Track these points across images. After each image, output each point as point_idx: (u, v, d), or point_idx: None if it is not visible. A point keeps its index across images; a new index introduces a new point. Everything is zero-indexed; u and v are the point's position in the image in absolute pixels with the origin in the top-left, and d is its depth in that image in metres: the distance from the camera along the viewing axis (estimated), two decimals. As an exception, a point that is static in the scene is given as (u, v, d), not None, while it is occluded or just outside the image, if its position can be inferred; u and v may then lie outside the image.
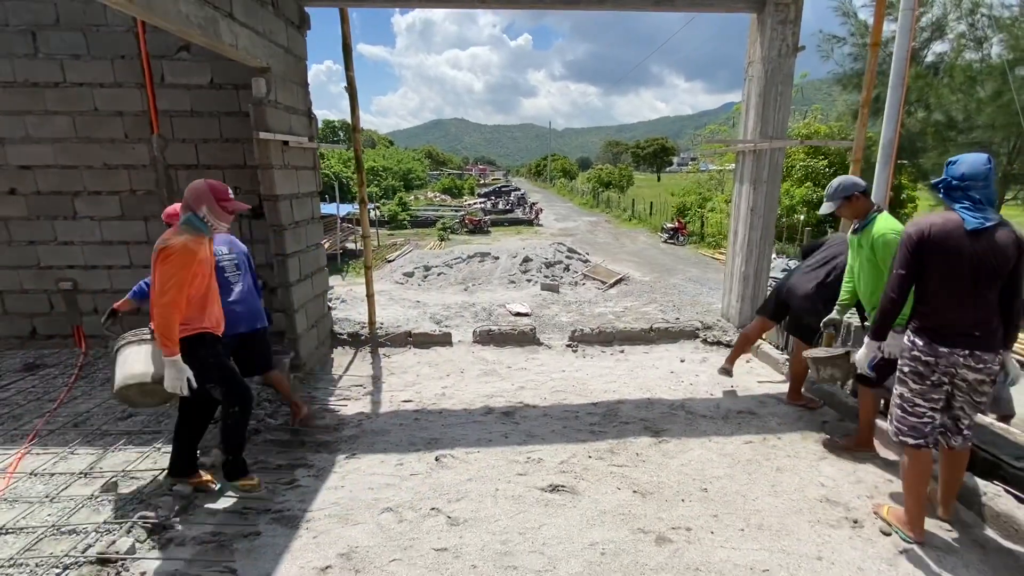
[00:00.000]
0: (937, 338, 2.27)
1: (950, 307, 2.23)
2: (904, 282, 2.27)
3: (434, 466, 3.03)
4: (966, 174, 2.14)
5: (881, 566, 2.31)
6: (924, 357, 2.30)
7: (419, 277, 11.09)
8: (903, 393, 2.42)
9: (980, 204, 2.14)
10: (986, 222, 2.11)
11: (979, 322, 2.22)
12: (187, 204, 2.47)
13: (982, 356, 2.22)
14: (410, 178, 43.46)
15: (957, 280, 2.18)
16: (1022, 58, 10.00)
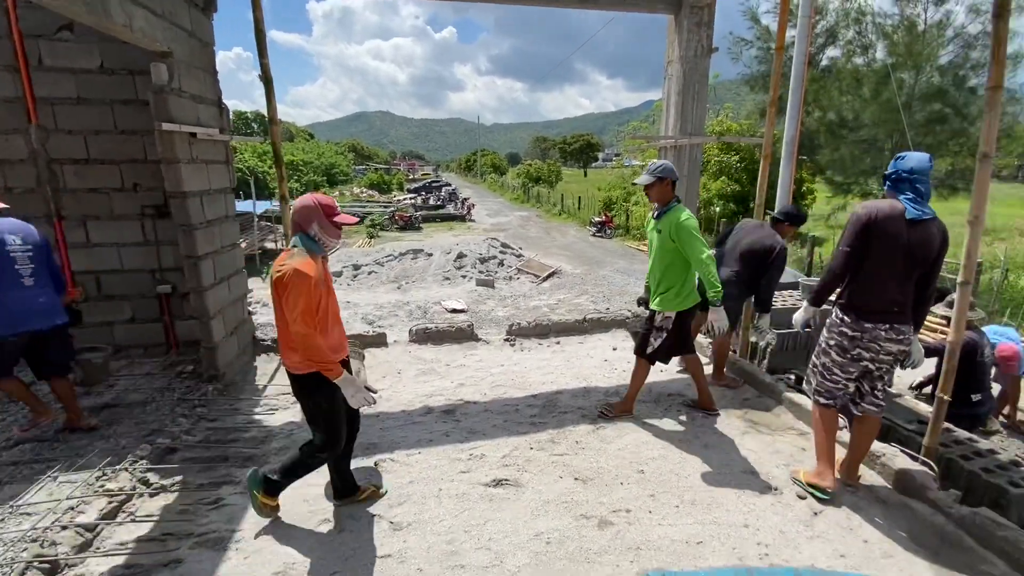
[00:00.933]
0: (864, 315, 2.53)
1: (880, 286, 2.49)
2: (848, 259, 2.51)
3: (374, 472, 2.93)
4: (914, 168, 2.41)
5: (799, 527, 2.52)
6: (850, 332, 2.57)
7: (348, 276, 10.68)
8: (825, 363, 2.70)
9: (921, 197, 2.40)
10: (923, 214, 2.38)
11: (900, 301, 2.49)
12: (296, 223, 2.29)
13: (900, 328, 2.51)
14: (333, 173, 41.67)
15: (891, 262, 2.43)
16: (901, 62, 11.25)
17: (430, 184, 39.74)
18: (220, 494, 2.74)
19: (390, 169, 63.92)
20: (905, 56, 11.22)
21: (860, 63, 12.42)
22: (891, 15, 11.76)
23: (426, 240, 16.64)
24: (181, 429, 3.36)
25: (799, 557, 2.32)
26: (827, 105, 12.86)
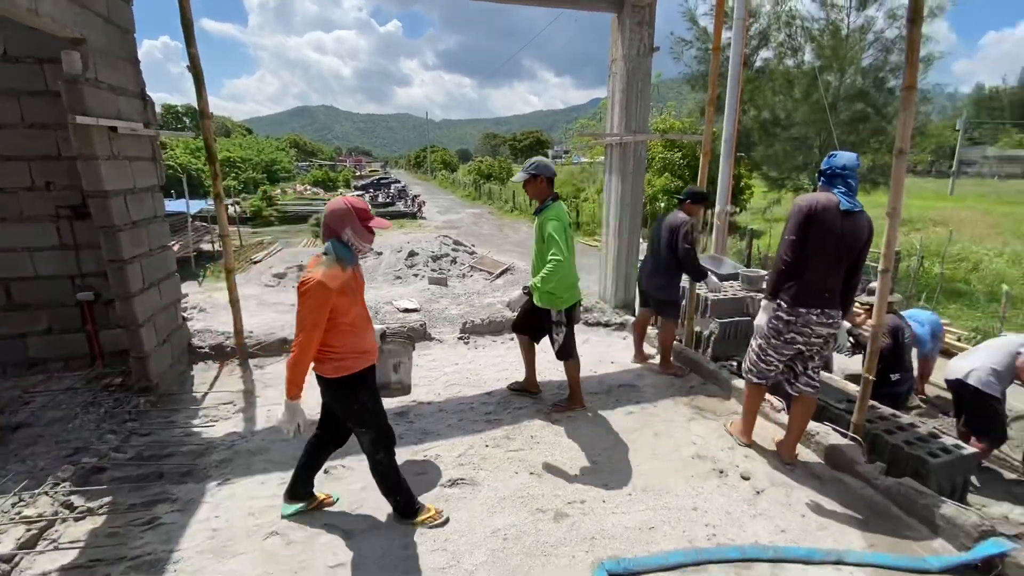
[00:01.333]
0: (799, 300, 2.71)
1: (813, 274, 2.67)
2: (794, 247, 2.67)
3: (324, 480, 2.83)
4: (846, 165, 2.63)
5: (743, 507, 2.64)
6: (785, 316, 2.75)
7: (293, 277, 10.26)
8: (761, 344, 2.89)
9: (852, 191, 2.62)
10: (855, 207, 2.60)
11: (831, 287, 2.70)
12: (329, 227, 2.20)
13: (830, 313, 2.71)
14: (275, 170, 39.86)
15: (825, 251, 2.62)
16: (828, 64, 11.97)
17: (378, 181, 38.79)
18: (155, 513, 2.56)
19: (336, 166, 61.92)
20: (831, 59, 11.96)
21: (791, 65, 13.14)
22: (818, 19, 12.50)
23: (376, 238, 16.26)
24: (109, 446, 3.12)
25: (744, 535, 2.43)
26: (762, 104, 13.52)
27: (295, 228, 20.12)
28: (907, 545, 2.39)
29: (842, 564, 2.26)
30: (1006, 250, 13.32)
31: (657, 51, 5.01)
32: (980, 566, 2.19)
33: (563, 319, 3.37)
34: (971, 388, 4.01)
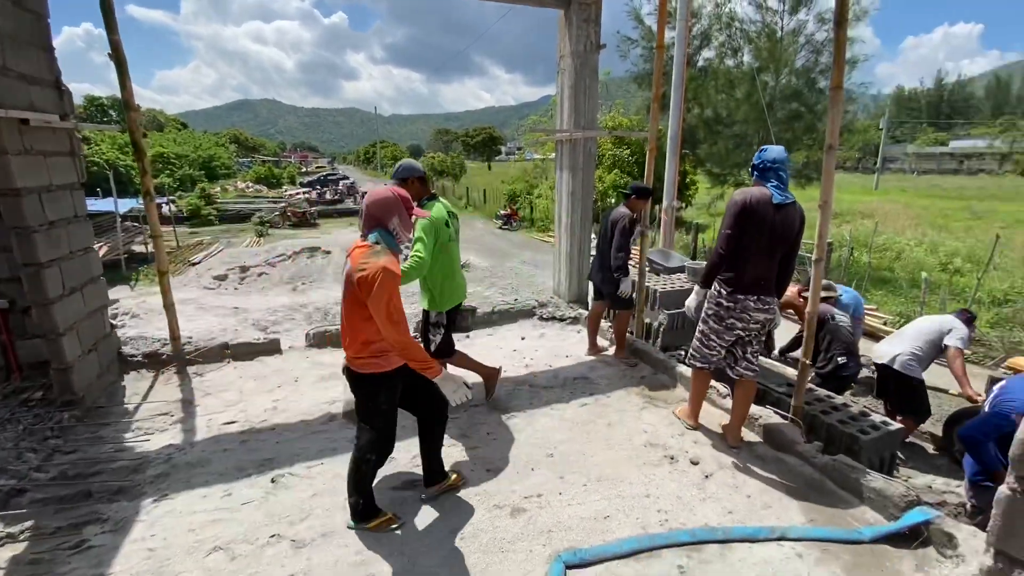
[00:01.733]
0: (737, 288, 2.85)
1: (750, 263, 2.80)
2: (731, 240, 2.79)
3: (271, 489, 2.71)
4: (776, 158, 2.77)
5: (693, 491, 2.73)
6: (725, 303, 2.89)
7: (235, 280, 9.80)
8: (704, 330, 3.04)
9: (783, 184, 2.75)
10: (786, 199, 2.74)
11: (767, 275, 2.85)
12: (375, 217, 2.16)
13: (766, 299, 2.87)
14: (214, 166, 37.85)
15: (760, 241, 2.75)
16: (764, 65, 12.54)
17: (326, 177, 37.61)
18: (83, 536, 2.38)
19: (280, 161, 59.50)
20: (767, 60, 12.56)
21: (731, 65, 13.70)
22: (755, 22, 13.09)
23: (324, 237, 15.75)
24: (29, 466, 2.86)
25: (694, 519, 2.52)
26: (705, 103, 14.05)
27: (237, 227, 19.22)
28: (843, 518, 2.54)
29: (784, 540, 2.37)
30: (925, 240, 14.44)
31: (603, 48, 5.08)
32: (908, 534, 2.35)
33: (443, 321, 3.28)
34: (895, 372, 4.33)
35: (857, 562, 2.25)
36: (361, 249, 2.13)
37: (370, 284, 2.01)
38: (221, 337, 5.66)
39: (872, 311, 8.43)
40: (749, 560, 2.26)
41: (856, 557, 2.28)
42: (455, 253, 3.27)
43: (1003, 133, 49.04)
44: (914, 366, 4.30)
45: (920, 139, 63.04)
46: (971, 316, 4.54)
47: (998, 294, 9.16)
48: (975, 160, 52.12)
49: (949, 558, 2.24)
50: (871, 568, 2.22)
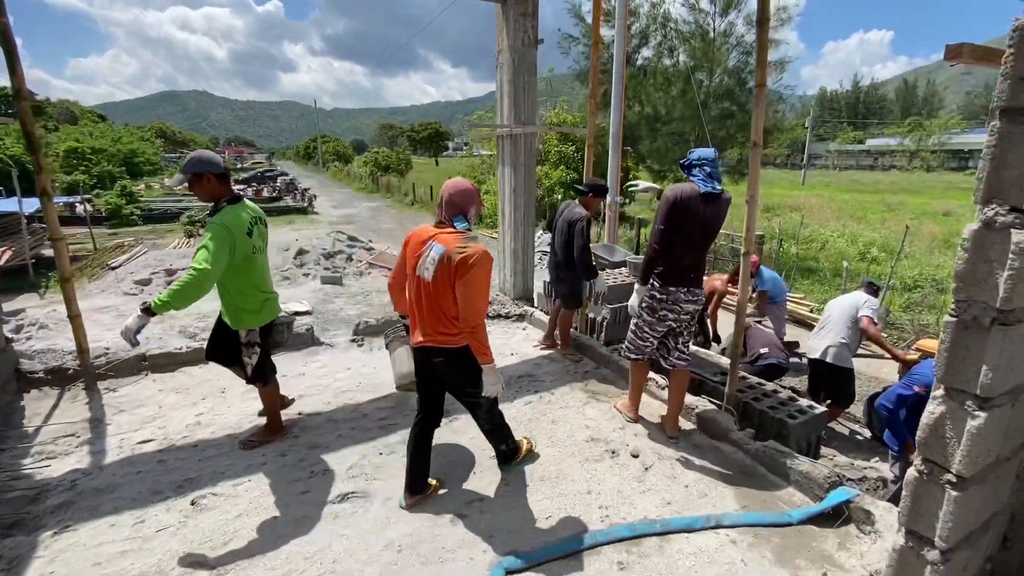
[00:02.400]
0: (669, 280, 2.93)
1: (682, 255, 2.88)
2: (664, 236, 2.85)
3: (190, 512, 2.50)
4: (701, 156, 2.87)
5: (634, 484, 2.76)
6: (658, 295, 2.96)
7: (160, 284, 9.13)
8: (638, 323, 3.10)
9: (711, 177, 2.83)
10: (715, 189, 2.81)
11: (696, 267, 2.95)
12: (458, 205, 2.31)
13: (695, 290, 2.96)
14: (137, 162, 35.16)
15: (690, 234, 2.83)
16: (699, 64, 12.98)
17: (263, 174, 35.87)
18: (-35, 581, 2.10)
19: (213, 158, 56.02)
20: (701, 59, 13.01)
21: (668, 64, 14.10)
22: (689, 22, 13.53)
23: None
24: (-102, 505, 2.50)
25: (634, 512, 2.54)
26: (645, 101, 14.39)
27: (164, 228, 17.95)
28: (774, 501, 2.64)
29: (720, 527, 2.43)
30: (845, 231, 15.49)
31: (542, 43, 5.05)
32: (831, 513, 2.47)
33: (256, 339, 2.88)
34: (829, 365, 4.57)
35: (786, 544, 2.34)
36: (452, 234, 2.29)
37: (471, 266, 2.20)
38: (143, 347, 5.25)
39: (800, 299, 8.94)
40: (686, 550, 2.30)
41: (785, 539, 2.37)
42: (262, 264, 2.87)
43: (911, 132, 53.56)
44: (845, 355, 4.56)
45: (841, 137, 67.82)
46: (875, 287, 4.91)
47: (909, 280, 9.95)
48: (888, 157, 56.66)
49: (868, 534, 2.37)
50: (799, 549, 2.31)
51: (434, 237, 2.29)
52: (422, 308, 2.34)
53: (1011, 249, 1.21)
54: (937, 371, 1.41)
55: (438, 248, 2.25)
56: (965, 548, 1.52)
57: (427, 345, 2.36)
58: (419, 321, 2.38)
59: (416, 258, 2.32)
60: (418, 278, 2.31)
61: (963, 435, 1.36)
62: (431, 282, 2.26)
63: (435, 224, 2.37)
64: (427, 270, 2.27)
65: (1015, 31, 1.15)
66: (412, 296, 2.39)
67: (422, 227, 2.40)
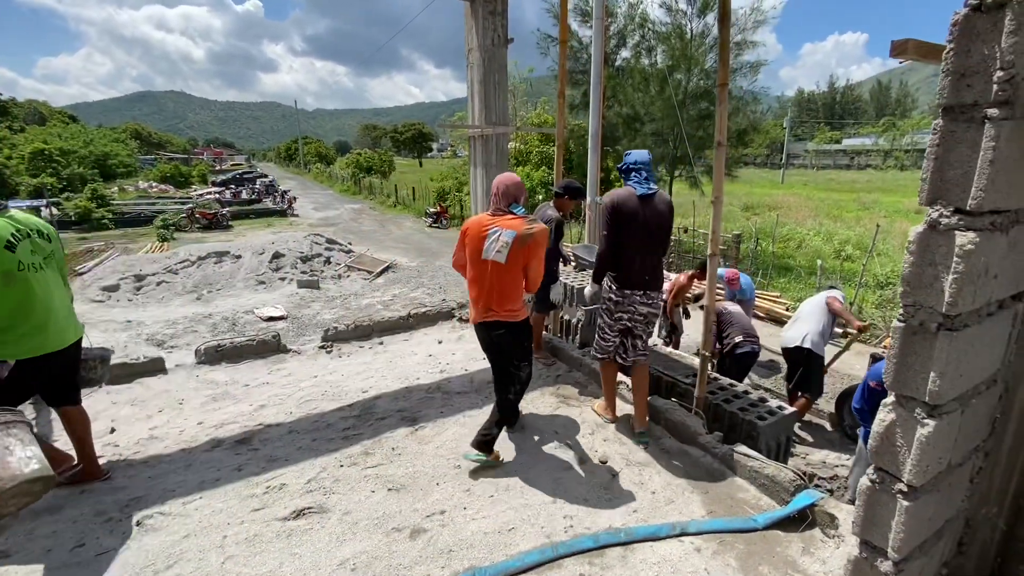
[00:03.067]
0: (624, 284, 2.99)
1: (632, 257, 2.93)
2: (609, 239, 2.91)
3: (135, 534, 2.38)
4: (636, 160, 2.95)
5: (600, 492, 2.70)
6: (615, 298, 3.03)
7: (129, 290, 8.88)
8: (601, 324, 3.18)
9: (647, 179, 2.91)
10: (649, 189, 2.88)
11: (651, 270, 2.99)
12: (513, 195, 2.68)
13: (651, 294, 3.01)
14: (110, 164, 34.34)
15: (635, 237, 2.88)
16: (676, 65, 13.04)
17: (241, 176, 35.29)
18: None
19: (189, 159, 55.08)
20: (679, 60, 13.07)
21: (646, 64, 14.15)
22: (666, 23, 13.58)
23: (236, 240, 14.69)
24: None
25: (600, 521, 2.48)
26: (624, 101, 14.42)
27: (137, 231, 17.54)
28: (740, 506, 2.61)
29: (685, 535, 2.39)
30: (822, 230, 15.72)
31: (512, 42, 4.99)
32: (796, 517, 2.45)
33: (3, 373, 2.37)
34: (806, 351, 4.65)
35: (750, 551, 2.30)
36: (516, 219, 2.63)
37: (540, 243, 2.63)
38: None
39: (776, 298, 9.01)
40: (650, 560, 2.25)
41: (749, 546, 2.33)
42: (38, 284, 2.40)
43: (885, 132, 54.74)
44: (820, 343, 4.66)
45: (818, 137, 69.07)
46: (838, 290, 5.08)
47: (881, 278, 10.10)
48: (864, 156, 57.81)
49: (832, 538, 2.35)
50: (763, 555, 2.28)
51: (497, 224, 2.63)
52: (491, 288, 2.65)
53: (955, 252, 1.18)
54: (887, 378, 1.37)
55: (508, 233, 2.58)
56: (919, 557, 1.49)
57: (491, 320, 2.70)
58: (485, 300, 2.69)
59: (479, 246, 2.63)
60: (485, 262, 2.63)
61: (913, 444, 1.33)
62: (504, 264, 2.59)
63: (490, 214, 2.70)
64: (500, 253, 2.59)
65: (954, 26, 1.12)
66: (477, 278, 2.69)
67: (476, 218, 2.75)
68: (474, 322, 2.81)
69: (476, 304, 2.76)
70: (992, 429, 1.59)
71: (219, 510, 2.53)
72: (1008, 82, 1.06)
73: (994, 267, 1.24)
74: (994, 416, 1.57)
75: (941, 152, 1.19)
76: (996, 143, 1.09)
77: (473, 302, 2.78)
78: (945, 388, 1.27)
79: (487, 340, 2.80)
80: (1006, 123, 1.09)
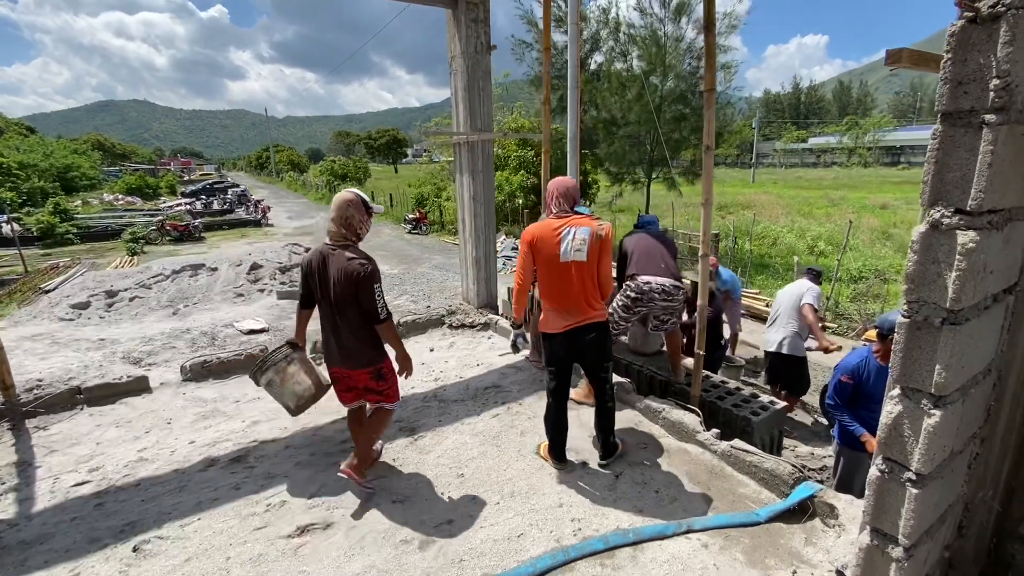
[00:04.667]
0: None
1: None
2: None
3: (132, 560, 2.30)
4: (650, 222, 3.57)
5: (605, 494, 2.72)
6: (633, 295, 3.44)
7: (100, 307, 8.58)
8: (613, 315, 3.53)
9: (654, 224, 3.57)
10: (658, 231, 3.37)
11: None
12: (574, 197, 2.69)
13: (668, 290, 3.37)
14: (71, 177, 33.14)
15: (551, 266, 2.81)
16: (651, 69, 13.26)
17: (212, 186, 34.48)
18: None
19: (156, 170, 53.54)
20: (654, 64, 13.30)
21: (621, 68, 14.35)
22: (641, 27, 13.80)
23: (210, 252, 14.34)
24: None
25: (607, 523, 2.50)
26: (601, 105, 14.59)
27: (104, 246, 16.96)
28: (742, 501, 2.66)
29: (691, 532, 2.43)
30: (794, 227, 16.16)
31: (495, 49, 5.02)
32: (797, 509, 2.51)
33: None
34: (784, 355, 4.76)
35: (755, 544, 2.35)
36: (585, 217, 2.63)
37: (610, 240, 2.63)
38: (82, 376, 4.89)
39: (756, 295, 9.22)
40: (660, 558, 2.28)
41: (754, 539, 2.38)
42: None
43: (848, 131, 56.61)
44: (798, 344, 4.77)
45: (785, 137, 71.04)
46: (816, 272, 5.13)
47: (854, 272, 10.45)
48: (829, 154, 59.70)
49: (832, 527, 2.42)
50: (768, 548, 2.33)
51: (568, 224, 2.60)
52: (574, 291, 2.61)
53: (957, 250, 1.23)
54: (893, 372, 1.43)
55: (583, 230, 2.57)
56: (926, 542, 1.55)
57: (582, 324, 2.65)
58: (574, 304, 2.64)
59: (554, 250, 2.58)
60: (566, 265, 2.58)
61: (920, 433, 1.38)
62: (585, 262, 2.57)
63: (555, 216, 2.66)
64: (580, 252, 2.56)
65: (951, 36, 1.18)
66: (556, 284, 2.63)
67: (539, 224, 2.67)
68: (555, 332, 2.69)
69: (560, 312, 2.66)
70: (987, 416, 1.66)
71: (220, 531, 2.47)
72: (1004, 89, 1.13)
73: (991, 263, 1.31)
74: (989, 404, 1.65)
75: (941, 156, 1.25)
76: (994, 147, 1.15)
77: (555, 312, 2.67)
78: (950, 379, 1.33)
79: (573, 347, 2.72)
80: (1002, 128, 1.15)
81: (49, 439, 3.31)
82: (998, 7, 1.10)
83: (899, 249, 12.78)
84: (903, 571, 1.49)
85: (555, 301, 2.67)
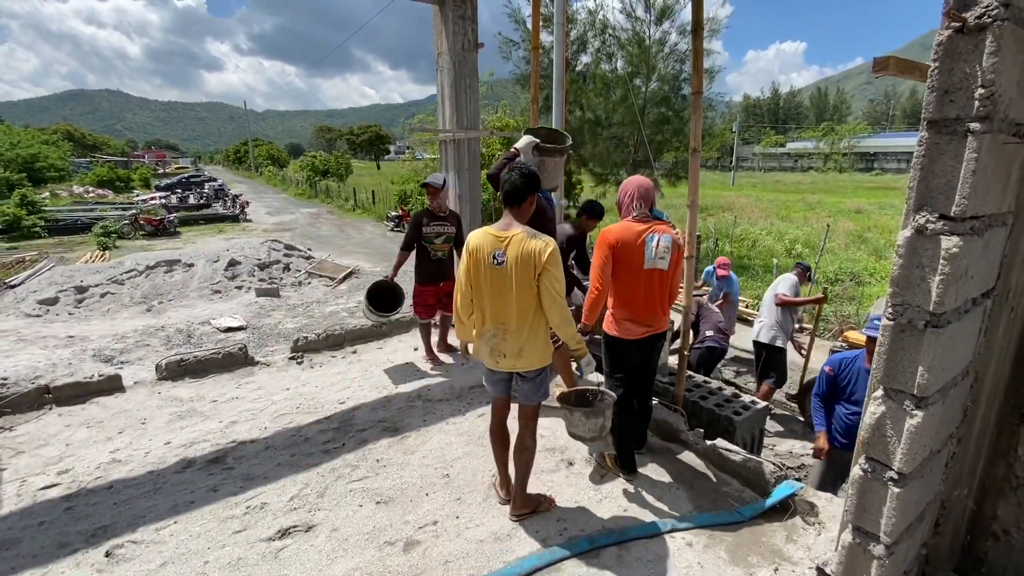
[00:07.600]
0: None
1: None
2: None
3: (104, 565, 2.22)
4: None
5: (590, 494, 2.73)
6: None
7: (69, 303, 8.31)
8: None
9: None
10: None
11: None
12: (651, 199, 2.56)
13: None
14: (39, 167, 32.01)
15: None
16: (635, 71, 13.36)
17: (188, 179, 33.64)
18: None
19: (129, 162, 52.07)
20: (639, 66, 13.40)
21: (607, 70, 14.43)
22: (626, 29, 13.89)
23: (186, 247, 13.98)
24: None
25: (592, 523, 2.50)
26: (586, 105, 14.64)
27: (74, 240, 16.42)
28: (725, 500, 2.69)
29: (676, 531, 2.45)
30: (773, 229, 16.47)
31: (482, 47, 4.99)
32: (779, 507, 2.55)
33: None
34: (763, 344, 4.92)
35: (739, 542, 2.38)
36: (664, 223, 2.54)
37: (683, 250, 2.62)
38: (50, 375, 4.72)
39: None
40: (645, 557, 2.29)
41: (737, 537, 2.41)
42: None
43: (824, 136, 57.92)
44: (774, 334, 4.92)
45: (764, 141, 72.37)
46: (804, 268, 5.33)
47: (830, 274, 10.69)
48: (806, 159, 61.01)
49: (812, 525, 2.46)
50: (751, 546, 2.36)
51: (652, 230, 2.50)
52: (658, 299, 2.58)
53: (942, 255, 1.26)
54: (876, 373, 1.46)
55: (666, 237, 2.49)
56: (906, 539, 1.58)
57: (656, 332, 2.65)
58: (649, 313, 2.59)
59: (638, 256, 2.48)
60: (649, 273, 2.51)
61: (903, 434, 1.41)
62: (668, 270, 2.53)
63: (635, 219, 2.53)
64: (662, 259, 2.49)
65: (939, 46, 1.20)
66: (634, 291, 2.55)
67: (620, 226, 2.53)
68: (633, 339, 2.62)
69: (635, 320, 2.59)
70: (964, 416, 1.71)
71: (197, 534, 2.40)
72: (988, 98, 1.15)
73: (972, 268, 1.34)
74: (966, 404, 1.69)
75: (926, 162, 1.27)
76: (978, 154, 1.18)
77: (629, 320, 2.59)
78: (931, 381, 1.36)
79: (639, 355, 2.69)
80: (986, 136, 1.18)
81: (15, 440, 3.18)
82: (984, 18, 1.13)
83: (873, 252, 13.13)
84: (884, 568, 1.52)
85: (631, 307, 2.59)
